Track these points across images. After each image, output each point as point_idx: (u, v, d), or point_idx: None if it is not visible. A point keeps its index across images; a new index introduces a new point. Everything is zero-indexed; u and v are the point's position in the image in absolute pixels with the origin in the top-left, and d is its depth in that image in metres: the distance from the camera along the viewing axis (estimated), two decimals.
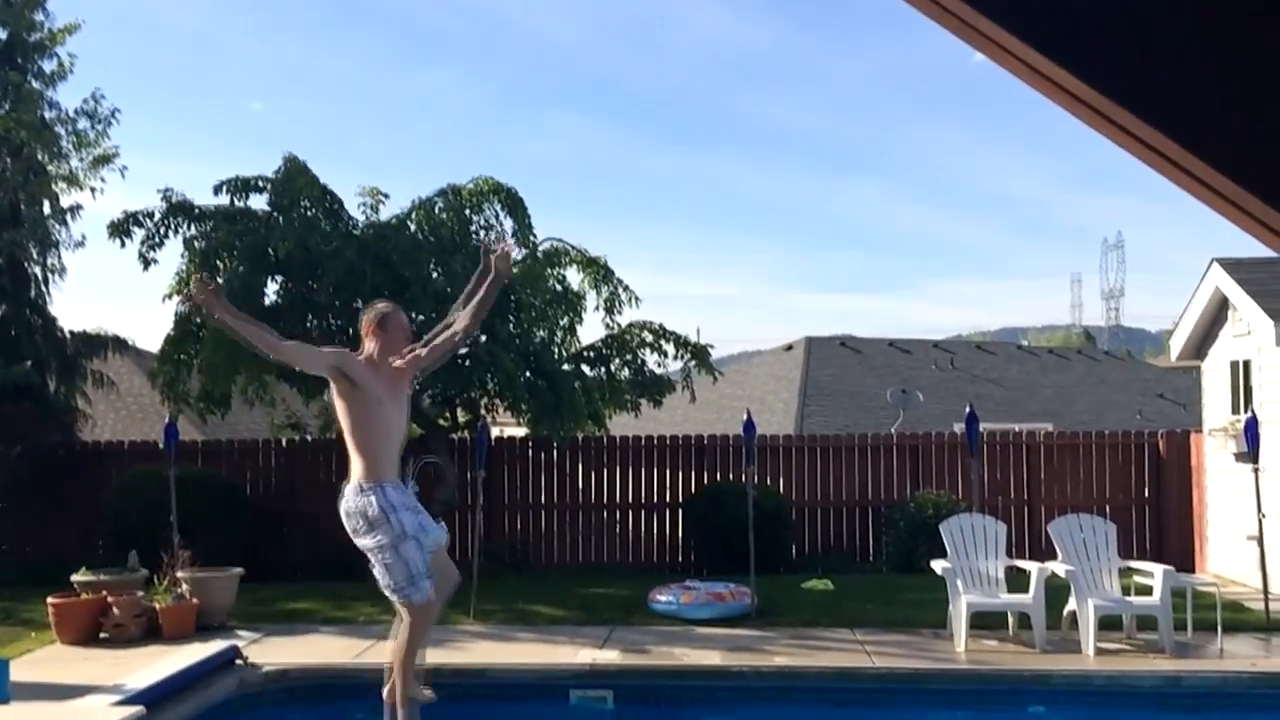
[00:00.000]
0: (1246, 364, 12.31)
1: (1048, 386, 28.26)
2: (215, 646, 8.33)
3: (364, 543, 5.27)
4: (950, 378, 27.19)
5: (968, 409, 11.36)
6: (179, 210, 11.88)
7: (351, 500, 5.20)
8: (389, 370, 5.55)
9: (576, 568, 13.60)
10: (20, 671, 7.66)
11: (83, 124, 14.79)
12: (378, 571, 5.41)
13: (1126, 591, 9.46)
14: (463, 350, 12.50)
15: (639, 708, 7.87)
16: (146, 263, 11.78)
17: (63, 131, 14.66)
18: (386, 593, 5.41)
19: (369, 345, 5.57)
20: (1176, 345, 13.86)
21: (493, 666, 8.30)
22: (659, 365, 13.14)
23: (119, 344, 14.93)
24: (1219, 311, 12.99)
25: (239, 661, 8.27)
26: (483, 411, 12.71)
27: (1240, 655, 8.72)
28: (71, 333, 14.35)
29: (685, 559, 13.56)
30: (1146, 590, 9.19)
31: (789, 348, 30.02)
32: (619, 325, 12.93)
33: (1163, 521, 13.60)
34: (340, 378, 5.36)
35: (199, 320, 11.87)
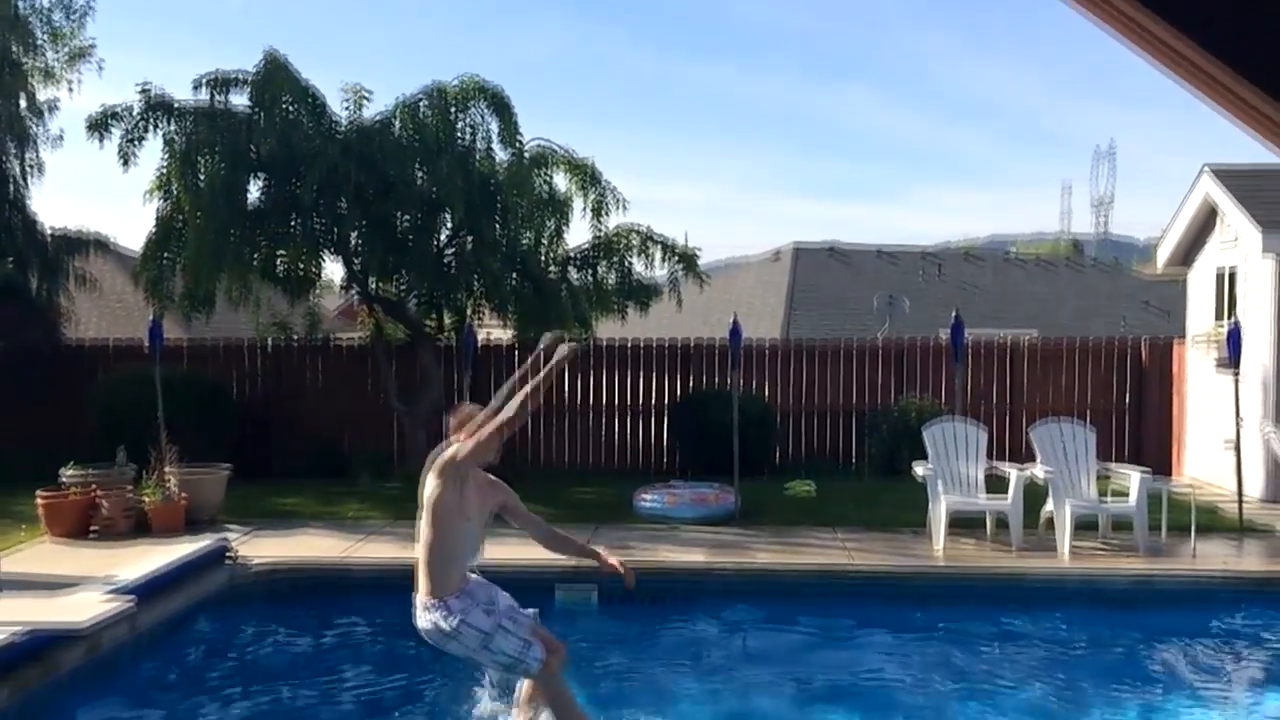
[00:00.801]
0: (1232, 273, 12.35)
1: (1034, 295, 28.35)
2: (205, 542, 8.42)
3: (453, 650, 5.09)
4: (937, 286, 27.23)
5: (954, 314, 11.40)
6: (158, 107, 11.66)
7: (422, 619, 4.99)
8: (480, 482, 5.15)
9: (562, 471, 13.73)
10: (12, 564, 7.76)
11: (57, 16, 14.42)
12: (490, 672, 5.33)
13: (1104, 494, 9.62)
14: (449, 251, 12.46)
15: (622, 604, 8.00)
16: (126, 159, 11.59)
17: (36, 24, 14.29)
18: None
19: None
20: (1164, 252, 13.88)
21: (479, 564, 8.41)
22: (646, 268, 13.11)
23: (100, 245, 14.79)
24: (1207, 220, 12.98)
25: (229, 556, 8.38)
26: (469, 313, 12.68)
27: (1213, 556, 8.92)
28: (52, 231, 14.18)
29: (670, 463, 13.70)
30: (1124, 493, 9.35)
31: (776, 257, 29.96)
32: (606, 228, 12.86)
33: (1143, 427, 13.78)
34: (462, 474, 4.96)
35: (181, 219, 11.75)
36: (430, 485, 4.95)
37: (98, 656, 6.38)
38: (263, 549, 8.87)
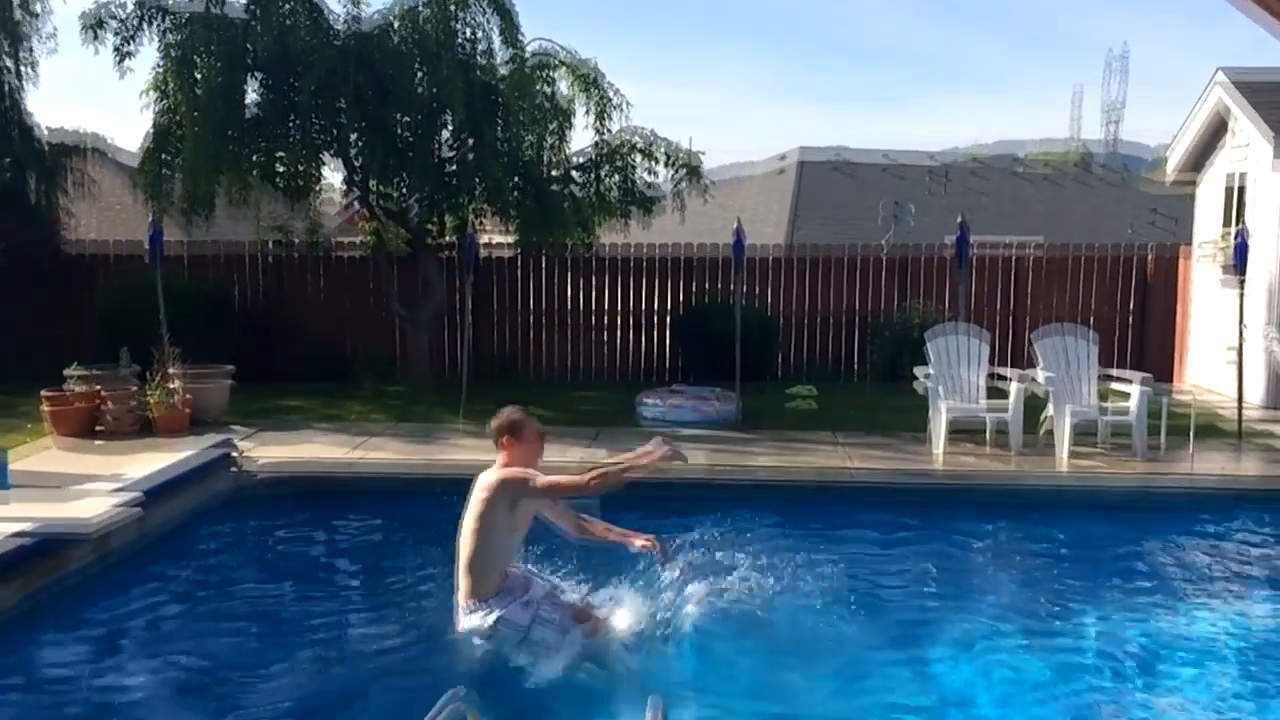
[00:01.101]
0: (1242, 180, 12.20)
1: (1041, 202, 28.09)
2: (210, 442, 8.48)
3: (494, 648, 5.11)
4: (942, 196, 26.97)
5: (959, 220, 11.31)
6: (152, 6, 11.45)
7: (462, 623, 5.07)
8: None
9: (563, 377, 13.80)
10: (19, 463, 7.82)
11: None
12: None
13: (1104, 399, 9.64)
14: (450, 155, 12.32)
15: (625, 510, 8.08)
16: (122, 58, 11.42)
17: None
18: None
19: (504, 460, 5.18)
20: (1174, 159, 13.70)
21: (481, 462, 8.48)
22: (649, 174, 12.94)
23: (98, 150, 14.64)
24: (1219, 127, 12.79)
25: (234, 456, 8.46)
26: (470, 219, 12.58)
27: (1211, 462, 8.97)
28: (49, 135, 14.01)
29: (673, 371, 13.73)
30: (1124, 399, 9.37)
31: (782, 170, 29.63)
32: (609, 133, 12.68)
33: (1146, 335, 13.77)
34: (518, 497, 5.05)
35: (178, 122, 11.60)
36: (482, 494, 5.04)
37: (105, 556, 6.47)
38: (267, 451, 8.95)
